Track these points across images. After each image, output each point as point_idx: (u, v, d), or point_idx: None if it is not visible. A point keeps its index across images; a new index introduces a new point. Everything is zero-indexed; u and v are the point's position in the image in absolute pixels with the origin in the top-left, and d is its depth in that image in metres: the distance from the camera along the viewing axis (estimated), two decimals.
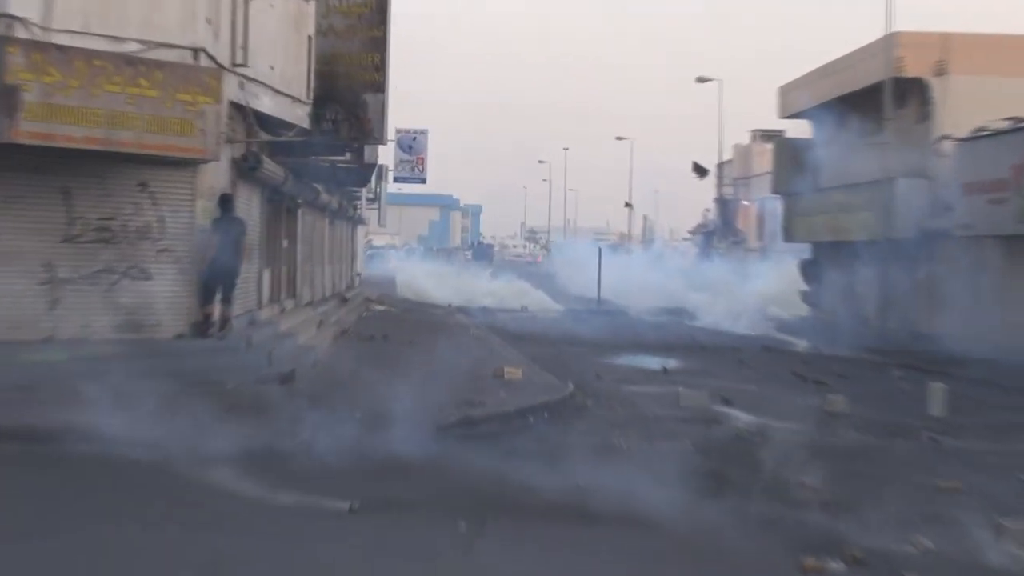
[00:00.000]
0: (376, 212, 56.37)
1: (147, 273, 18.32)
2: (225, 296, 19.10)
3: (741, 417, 18.19)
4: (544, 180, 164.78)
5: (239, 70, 19.85)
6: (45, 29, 16.79)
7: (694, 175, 64.35)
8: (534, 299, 51.59)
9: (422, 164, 64.92)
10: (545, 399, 17.99)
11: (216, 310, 18.96)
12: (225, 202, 19.10)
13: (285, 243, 25.74)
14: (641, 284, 53.01)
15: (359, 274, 50.65)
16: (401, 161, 64.46)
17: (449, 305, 46.66)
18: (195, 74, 17.37)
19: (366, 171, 31.15)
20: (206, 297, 18.74)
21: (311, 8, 23.26)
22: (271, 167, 21.67)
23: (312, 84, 22.95)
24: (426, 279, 58.57)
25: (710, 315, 42.34)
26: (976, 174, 29.81)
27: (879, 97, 34.36)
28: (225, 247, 18.62)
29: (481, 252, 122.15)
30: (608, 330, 34.97)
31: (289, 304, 25.99)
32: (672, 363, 26.07)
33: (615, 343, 30.90)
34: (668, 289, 51.18)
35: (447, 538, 10.35)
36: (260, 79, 20.80)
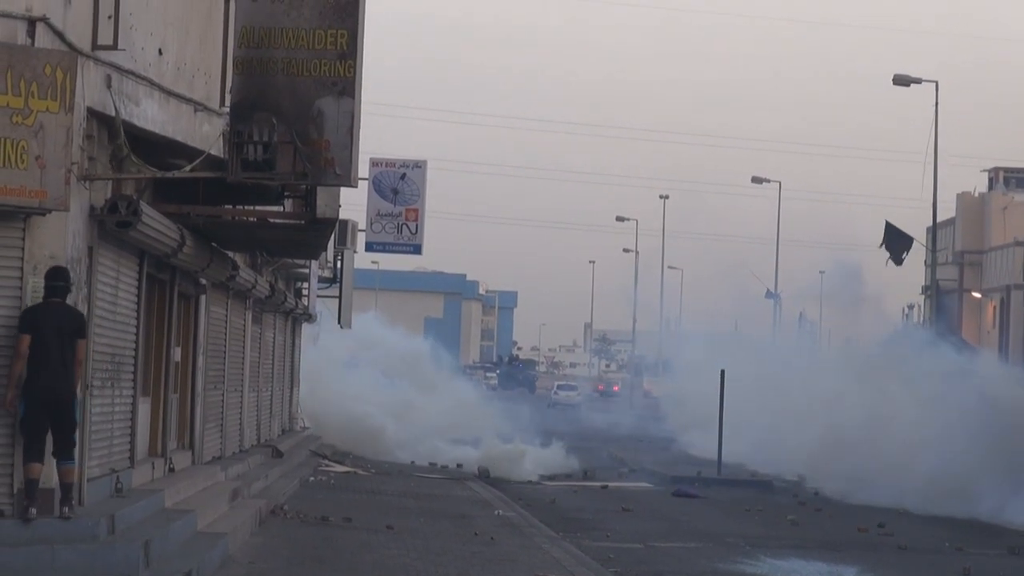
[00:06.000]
0: (336, 302, 43.77)
1: None
2: (60, 444, 15.83)
3: None
4: (626, 251, 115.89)
5: (105, 55, 17.18)
6: None
7: (885, 250, 46.29)
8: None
9: (415, 221, 47.26)
10: None
11: (45, 472, 15.71)
12: (56, 279, 15.96)
13: (177, 353, 23.27)
14: (812, 435, 41.79)
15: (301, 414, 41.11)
16: (380, 215, 47.01)
17: (458, 466, 38.94)
18: (28, 60, 15.41)
19: (319, 232, 26.55)
20: (30, 449, 15.66)
21: None
22: (156, 223, 19.06)
23: (230, 82, 18.86)
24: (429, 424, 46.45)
25: (933, 485, 33.16)
26: None
27: None
28: (47, 357, 15.77)
29: (513, 375, 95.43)
30: (736, 510, 30.16)
31: (182, 460, 23.80)
32: (847, 574, 21.59)
33: (748, 535, 25.79)
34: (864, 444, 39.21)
35: None
36: (141, 72, 18.34)
